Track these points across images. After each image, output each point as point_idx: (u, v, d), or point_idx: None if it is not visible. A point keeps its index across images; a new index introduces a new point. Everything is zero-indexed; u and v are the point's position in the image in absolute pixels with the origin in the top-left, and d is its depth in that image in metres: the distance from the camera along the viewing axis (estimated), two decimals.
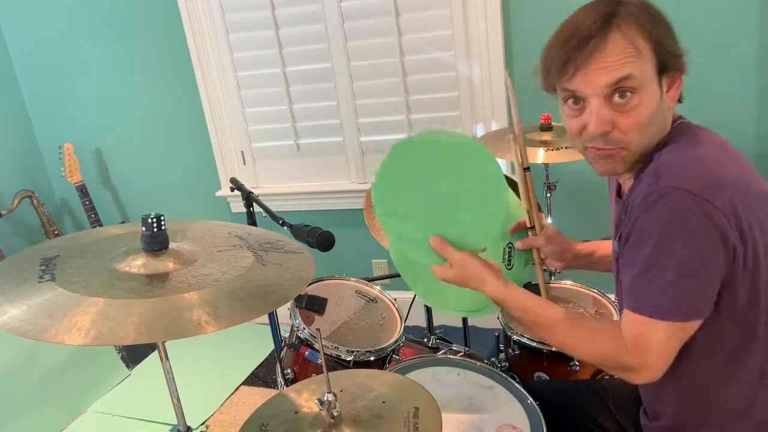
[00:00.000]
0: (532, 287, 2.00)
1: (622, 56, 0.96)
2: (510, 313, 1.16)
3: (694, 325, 0.97)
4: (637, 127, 1.00)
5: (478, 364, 1.53)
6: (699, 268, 0.93)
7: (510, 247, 1.35)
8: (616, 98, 0.98)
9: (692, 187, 0.91)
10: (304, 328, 1.71)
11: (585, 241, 1.51)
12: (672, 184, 0.92)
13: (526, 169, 1.38)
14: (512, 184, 1.43)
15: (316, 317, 1.80)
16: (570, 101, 1.04)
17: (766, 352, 1.01)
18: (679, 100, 1.06)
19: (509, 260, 1.33)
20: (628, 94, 0.97)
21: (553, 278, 2.08)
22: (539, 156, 1.86)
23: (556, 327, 1.07)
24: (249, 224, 1.71)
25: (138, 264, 1.06)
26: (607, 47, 0.96)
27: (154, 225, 1.07)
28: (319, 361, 1.51)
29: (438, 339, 1.95)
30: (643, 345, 0.97)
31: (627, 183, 1.14)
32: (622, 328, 1.00)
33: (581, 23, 0.99)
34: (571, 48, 0.99)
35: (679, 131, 1.04)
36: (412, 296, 2.04)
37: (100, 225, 2.96)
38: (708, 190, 0.91)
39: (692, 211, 0.90)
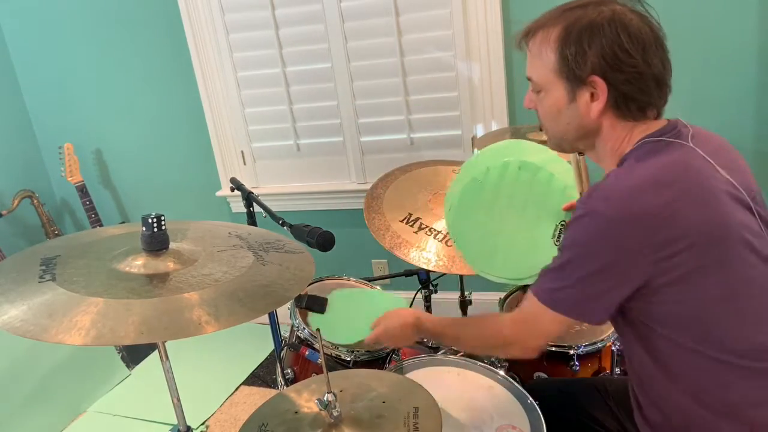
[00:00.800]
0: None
1: (531, 60, 1.16)
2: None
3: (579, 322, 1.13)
4: (543, 115, 1.18)
5: (478, 364, 1.53)
6: (599, 282, 1.04)
7: (562, 224, 1.39)
8: (534, 89, 1.18)
9: (612, 214, 1.00)
10: (304, 328, 1.71)
11: None
12: (594, 208, 1.02)
13: (581, 153, 1.43)
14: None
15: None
16: None
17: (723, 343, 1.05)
18: (630, 110, 1.10)
19: (559, 236, 1.39)
20: (537, 89, 1.16)
21: None
22: None
23: (460, 338, 1.33)
24: (249, 224, 1.71)
25: (138, 264, 1.06)
26: (529, 47, 1.17)
27: (154, 225, 1.07)
28: (319, 361, 1.51)
29: None
30: (530, 322, 1.14)
31: None
32: (522, 303, 1.16)
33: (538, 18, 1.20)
34: (516, 42, 1.23)
35: (639, 150, 1.09)
36: (412, 296, 2.04)
37: (100, 225, 2.96)
38: (624, 221, 0.99)
39: (606, 236, 1.01)
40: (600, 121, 1.11)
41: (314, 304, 1.80)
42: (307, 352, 1.70)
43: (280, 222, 1.67)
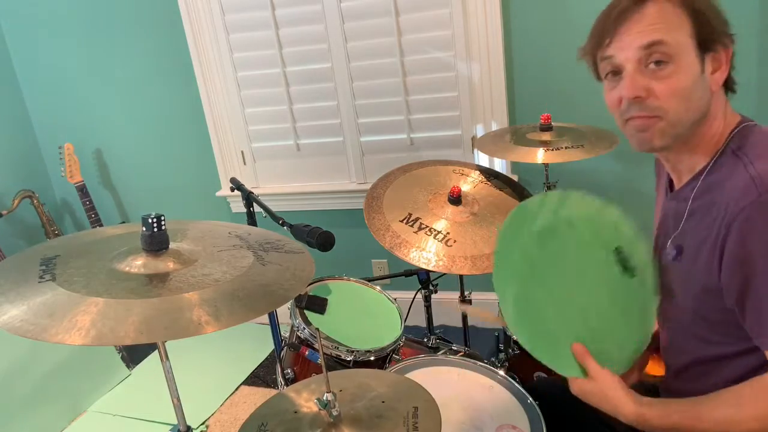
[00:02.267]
0: None
1: (656, 23, 0.98)
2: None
3: None
4: (673, 93, 0.99)
5: (478, 364, 1.53)
6: None
7: (618, 251, 1.14)
8: (652, 66, 0.99)
9: None
10: (304, 328, 1.71)
11: None
12: None
13: None
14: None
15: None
16: (609, 75, 1.06)
17: None
18: (733, 90, 1.04)
19: (625, 265, 1.14)
20: (663, 62, 0.98)
21: None
22: (539, 156, 1.86)
23: (704, 419, 1.01)
24: (249, 224, 1.71)
25: (138, 264, 1.06)
26: (642, 16, 0.98)
27: (154, 225, 1.07)
28: (319, 361, 1.51)
29: (438, 339, 1.96)
30: None
31: (683, 176, 1.11)
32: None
33: None
34: (610, 18, 1.02)
35: (754, 134, 1.02)
36: (412, 296, 2.04)
37: (101, 225, 2.96)
38: None
39: None
40: (713, 99, 1.02)
41: (314, 304, 1.81)
42: (307, 352, 1.70)
43: (280, 222, 1.67)
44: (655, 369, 1.37)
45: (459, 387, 1.45)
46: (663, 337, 1.24)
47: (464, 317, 2.14)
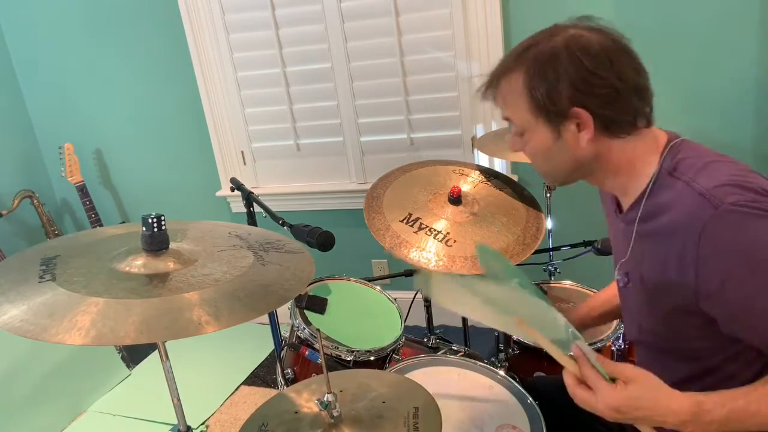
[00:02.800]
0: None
1: (504, 101, 1.11)
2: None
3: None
4: (532, 156, 1.13)
5: (478, 364, 1.53)
6: None
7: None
8: (516, 131, 1.12)
9: (752, 199, 0.93)
10: (304, 328, 1.71)
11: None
12: (735, 201, 0.92)
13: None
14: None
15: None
16: None
17: None
18: (629, 128, 1.04)
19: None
20: (519, 132, 1.11)
21: (552, 278, 2.09)
22: None
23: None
24: (249, 224, 1.71)
25: (138, 264, 1.06)
26: (498, 93, 1.12)
27: (155, 225, 1.07)
28: (319, 361, 1.51)
29: (438, 339, 1.95)
30: None
31: (622, 198, 1.14)
32: None
33: (495, 67, 1.12)
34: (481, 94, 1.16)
35: (682, 151, 1.04)
36: (412, 296, 2.04)
37: (101, 225, 2.96)
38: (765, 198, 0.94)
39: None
40: (594, 148, 1.05)
41: (314, 304, 1.81)
42: (307, 352, 1.70)
43: (280, 222, 1.67)
44: None
45: (459, 387, 1.45)
46: (644, 361, 1.21)
47: (464, 318, 2.14)
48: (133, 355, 2.80)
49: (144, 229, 1.07)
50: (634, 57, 1.04)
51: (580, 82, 1.00)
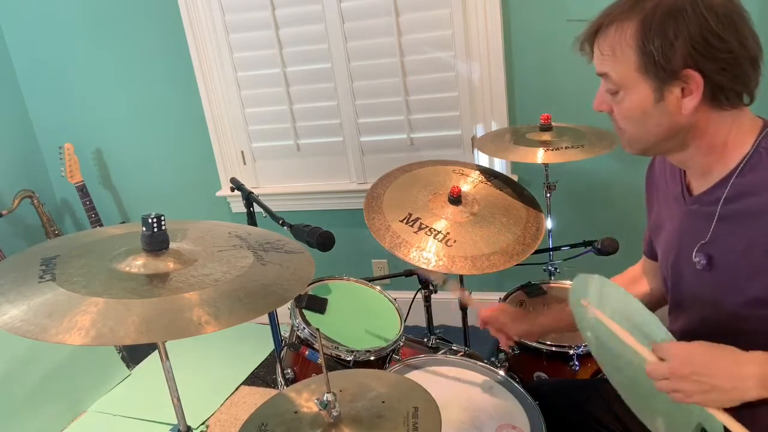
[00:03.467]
0: (531, 285, 2.02)
1: (605, 55, 1.02)
2: None
3: None
4: (624, 117, 1.05)
5: (478, 364, 1.53)
6: None
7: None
8: (610, 88, 1.05)
9: None
10: (304, 328, 1.71)
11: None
12: None
13: None
14: None
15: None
16: None
17: None
18: (728, 103, 1.00)
19: None
20: (614, 90, 1.03)
21: (553, 278, 2.09)
22: (539, 156, 1.86)
23: None
24: (249, 224, 1.71)
25: (138, 264, 1.06)
26: (598, 45, 1.04)
27: (155, 225, 1.07)
28: (319, 361, 1.51)
29: (438, 339, 1.95)
30: None
31: (699, 180, 1.09)
32: None
33: (603, 11, 1.04)
34: (580, 40, 1.08)
35: None
36: (412, 296, 2.04)
37: (101, 225, 2.96)
38: None
39: None
40: (694, 117, 0.99)
41: (314, 304, 1.81)
42: (307, 352, 1.70)
43: (280, 222, 1.67)
44: None
45: (459, 387, 1.45)
46: None
47: (464, 318, 2.14)
48: (133, 355, 2.80)
49: (144, 229, 1.07)
50: (752, 27, 0.98)
51: (700, 41, 0.93)
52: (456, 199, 1.71)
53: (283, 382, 1.75)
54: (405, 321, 1.84)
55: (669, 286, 1.21)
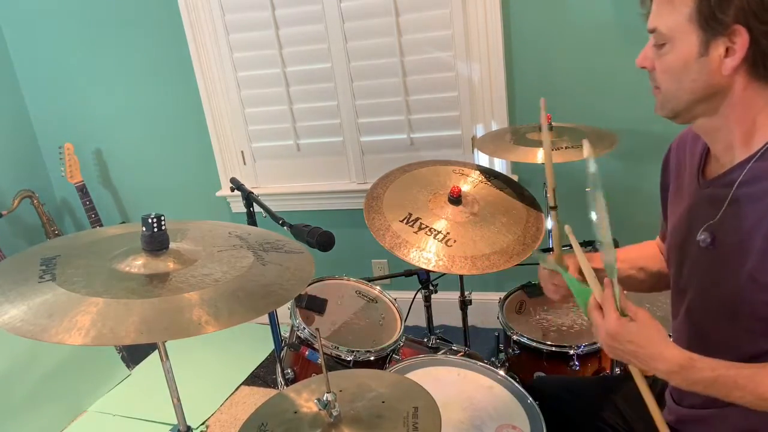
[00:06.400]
0: (531, 285, 2.02)
1: (660, 7, 1.04)
2: (690, 386, 1.01)
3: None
4: (663, 71, 1.06)
5: (478, 364, 1.53)
6: None
7: None
8: (657, 42, 1.06)
9: None
10: (304, 328, 1.71)
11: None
12: None
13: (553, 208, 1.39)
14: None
15: (316, 317, 1.81)
16: None
17: None
18: None
19: None
20: (662, 43, 1.04)
21: None
22: (539, 156, 1.86)
23: (759, 383, 0.97)
24: (249, 224, 1.71)
25: (138, 264, 1.06)
26: None
27: (155, 225, 1.07)
28: (319, 361, 1.51)
29: (438, 339, 1.96)
30: None
31: (720, 159, 1.10)
32: None
33: None
34: None
35: None
36: (412, 296, 2.04)
37: (101, 225, 2.96)
38: None
39: None
40: (731, 81, 1.00)
41: (314, 304, 1.81)
42: (307, 352, 1.70)
43: (280, 222, 1.67)
44: None
45: (459, 387, 1.45)
46: (687, 332, 1.18)
47: (464, 318, 2.14)
48: (133, 355, 2.80)
49: (144, 229, 1.07)
50: None
51: (757, 1, 0.95)
52: (456, 199, 1.71)
53: (283, 382, 1.75)
54: (405, 321, 1.84)
55: (673, 270, 1.22)
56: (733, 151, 1.06)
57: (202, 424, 2.35)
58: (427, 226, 1.67)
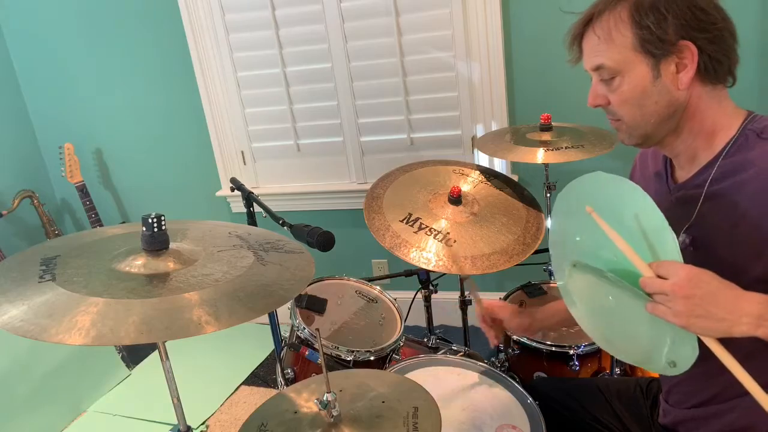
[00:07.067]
0: (531, 285, 2.02)
1: (597, 47, 1.07)
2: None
3: None
4: (623, 103, 1.07)
5: (478, 364, 1.53)
6: None
7: None
8: (605, 77, 1.08)
9: None
10: (304, 328, 1.71)
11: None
12: None
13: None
14: None
15: (316, 317, 1.81)
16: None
17: None
18: (719, 81, 1.05)
19: None
20: (611, 77, 1.07)
21: (552, 278, 2.09)
22: (539, 156, 1.86)
23: None
24: (249, 224, 1.71)
25: (138, 264, 1.06)
26: (588, 40, 1.09)
27: (155, 225, 1.07)
28: (319, 360, 1.51)
29: (438, 339, 1.96)
30: None
31: (686, 166, 1.11)
32: None
33: (592, 4, 1.10)
34: (570, 41, 1.15)
35: (765, 121, 1.04)
36: (412, 296, 2.04)
37: (101, 225, 2.96)
38: None
39: None
40: (689, 94, 1.04)
41: (314, 304, 1.81)
42: (307, 352, 1.70)
43: (280, 222, 1.67)
44: None
45: (459, 387, 1.45)
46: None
47: (464, 318, 2.14)
48: (133, 355, 2.80)
49: (144, 229, 1.07)
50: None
51: (690, 15, 0.99)
52: (456, 199, 1.71)
53: (283, 382, 1.75)
54: (405, 321, 1.84)
55: None
56: (698, 157, 1.09)
57: (202, 424, 2.35)
58: (427, 226, 1.67)
